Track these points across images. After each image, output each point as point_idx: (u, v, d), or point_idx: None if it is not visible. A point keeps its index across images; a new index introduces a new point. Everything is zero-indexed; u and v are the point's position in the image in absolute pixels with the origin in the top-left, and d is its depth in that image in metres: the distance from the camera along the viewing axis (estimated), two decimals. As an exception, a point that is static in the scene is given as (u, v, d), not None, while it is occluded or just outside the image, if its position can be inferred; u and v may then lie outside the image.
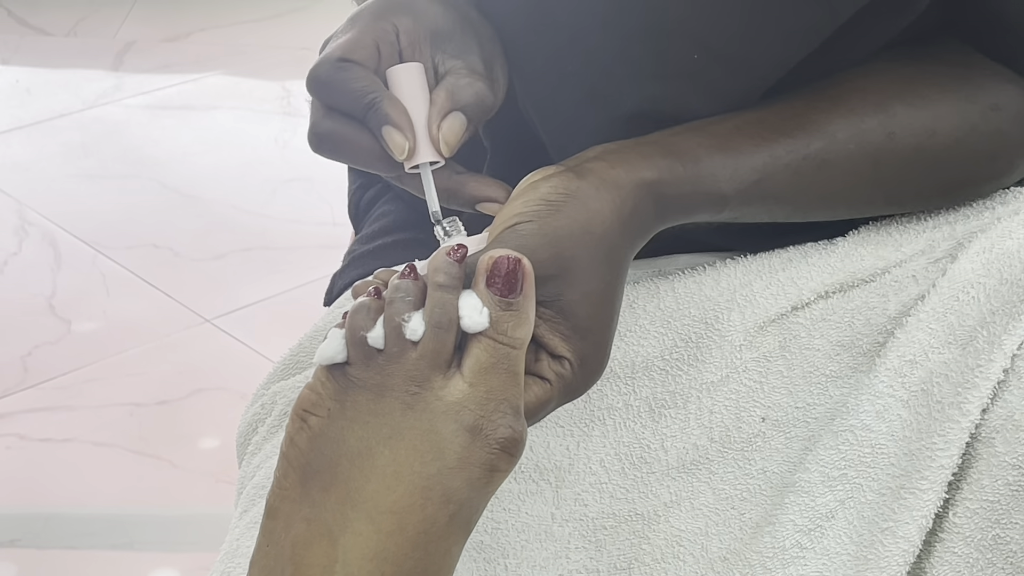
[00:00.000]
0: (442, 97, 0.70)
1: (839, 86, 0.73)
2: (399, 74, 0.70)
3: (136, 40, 2.82)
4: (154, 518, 1.62)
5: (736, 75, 0.71)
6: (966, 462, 0.69)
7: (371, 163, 0.71)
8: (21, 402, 1.79)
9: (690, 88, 0.71)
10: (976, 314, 0.71)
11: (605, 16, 0.71)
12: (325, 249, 1.95)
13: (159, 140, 2.45)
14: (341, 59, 0.69)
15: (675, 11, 0.70)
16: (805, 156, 0.70)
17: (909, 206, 0.76)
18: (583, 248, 0.64)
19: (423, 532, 0.61)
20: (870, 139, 0.72)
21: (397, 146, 0.69)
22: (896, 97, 0.72)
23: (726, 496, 0.73)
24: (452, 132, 0.70)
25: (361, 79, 0.69)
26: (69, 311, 1.98)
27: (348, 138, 0.70)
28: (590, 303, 0.65)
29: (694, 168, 0.68)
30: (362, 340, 0.63)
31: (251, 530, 0.74)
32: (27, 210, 2.22)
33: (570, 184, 0.66)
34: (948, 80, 0.74)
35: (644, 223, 0.67)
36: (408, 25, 0.71)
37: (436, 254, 0.64)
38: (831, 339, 0.73)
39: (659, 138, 0.70)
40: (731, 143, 0.70)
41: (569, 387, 0.65)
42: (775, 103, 0.72)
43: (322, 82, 0.69)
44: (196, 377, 1.84)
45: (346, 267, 0.91)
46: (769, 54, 0.71)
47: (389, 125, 0.69)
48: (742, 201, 0.70)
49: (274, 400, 0.81)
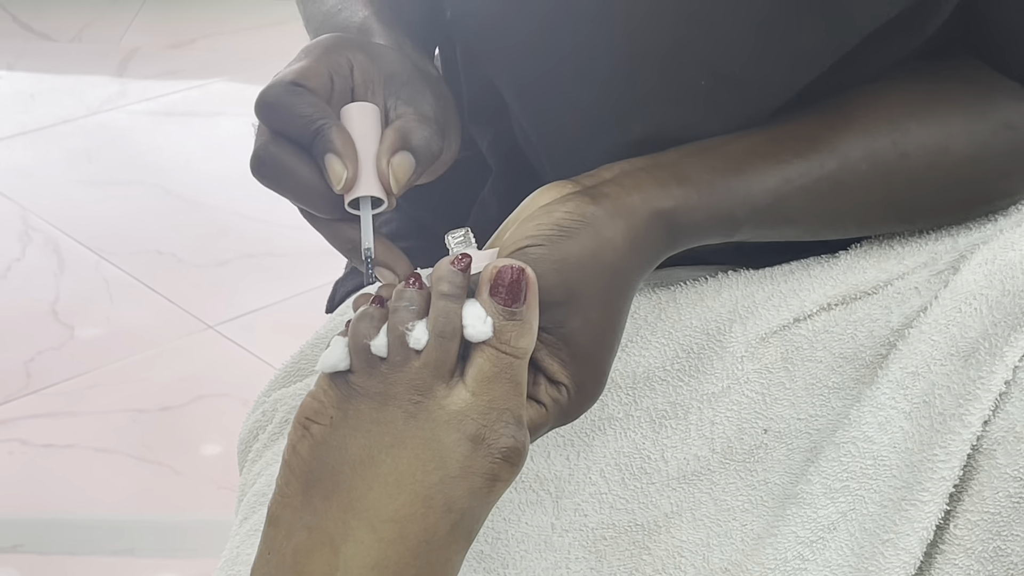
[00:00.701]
0: (391, 135, 0.68)
1: (851, 104, 0.72)
2: (353, 111, 0.69)
3: (141, 46, 2.82)
4: (156, 524, 1.62)
5: (745, 98, 0.71)
6: (967, 474, 0.69)
7: (310, 199, 0.68)
8: (24, 407, 1.79)
9: (699, 112, 0.71)
10: (978, 326, 0.71)
11: (612, 41, 0.70)
12: (328, 256, 1.94)
13: (163, 146, 2.45)
14: (293, 83, 0.67)
15: (683, 36, 0.69)
16: (819, 178, 0.70)
17: (920, 223, 0.75)
18: (591, 277, 0.64)
19: (424, 541, 0.61)
20: (883, 158, 0.71)
21: (335, 174, 0.66)
22: (909, 115, 0.72)
23: (728, 507, 0.73)
24: (402, 169, 0.68)
25: (312, 105, 0.67)
26: (72, 317, 1.98)
27: (290, 168, 0.67)
28: (592, 332, 0.65)
29: (708, 194, 0.68)
30: (365, 348, 0.63)
31: (252, 537, 0.74)
32: (31, 215, 2.22)
33: (585, 210, 0.65)
34: (961, 98, 0.73)
35: (655, 251, 0.67)
36: (363, 63, 0.70)
37: (440, 263, 0.64)
38: (833, 351, 0.73)
39: (674, 160, 0.69)
40: (745, 166, 0.69)
41: (564, 412, 0.65)
42: (788, 122, 0.71)
43: (270, 104, 0.67)
44: (199, 383, 1.84)
45: (348, 275, 0.91)
46: (778, 77, 0.70)
47: (332, 153, 0.66)
48: (755, 224, 0.69)
49: (275, 407, 0.81)
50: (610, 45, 0.70)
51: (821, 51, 0.70)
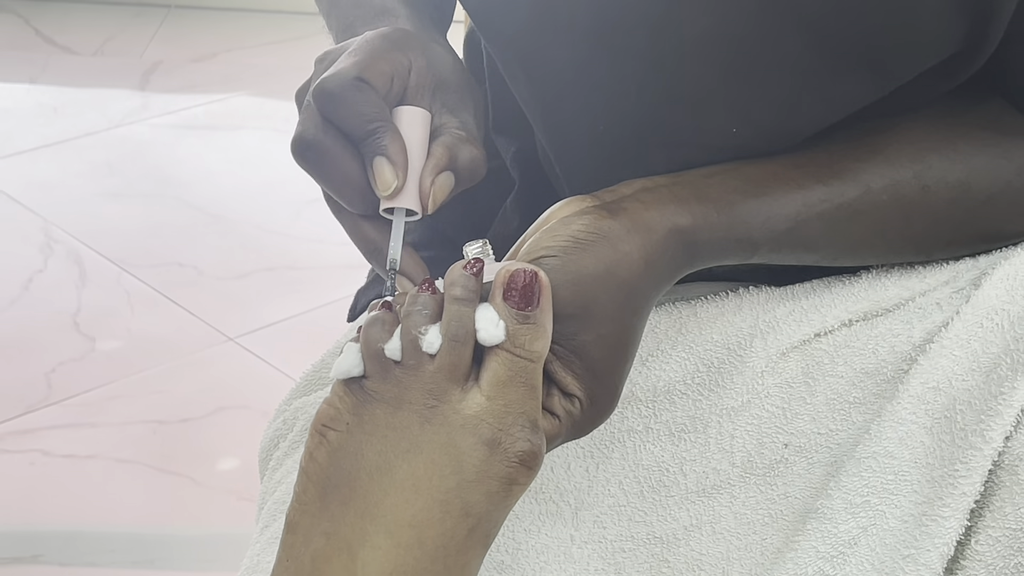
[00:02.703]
0: (440, 152, 0.69)
1: (876, 135, 0.72)
2: (405, 115, 0.69)
3: (163, 60, 2.84)
4: (175, 536, 1.63)
5: (773, 142, 0.71)
6: (989, 490, 0.69)
7: (345, 191, 0.68)
8: (45, 418, 1.80)
9: (726, 155, 0.70)
10: (1000, 341, 0.71)
11: (642, 81, 0.70)
12: (348, 269, 1.95)
13: (184, 159, 2.47)
14: (358, 78, 0.68)
15: (719, 85, 0.69)
16: (839, 205, 0.70)
17: (937, 255, 0.75)
18: (605, 291, 0.64)
19: (442, 546, 0.61)
20: (904, 191, 0.71)
21: (384, 181, 0.67)
22: (932, 150, 0.72)
23: (748, 521, 0.73)
24: (443, 190, 0.68)
25: (373, 103, 0.68)
26: (93, 328, 1.99)
27: (334, 156, 0.68)
28: (605, 345, 0.64)
29: (728, 215, 0.67)
30: (379, 353, 0.63)
31: (271, 545, 0.75)
32: (53, 228, 2.23)
33: (602, 224, 0.65)
34: (985, 135, 0.73)
35: (671, 268, 0.67)
36: (421, 65, 0.70)
37: (453, 268, 0.64)
38: (854, 366, 0.73)
39: (694, 179, 0.69)
40: (766, 189, 0.69)
41: (577, 425, 0.65)
42: (811, 149, 0.71)
43: (332, 95, 0.67)
44: (219, 395, 1.84)
45: (370, 283, 0.91)
46: (809, 122, 0.70)
47: (384, 157, 0.67)
48: (772, 247, 0.69)
49: (296, 416, 0.81)
50: (644, 85, 0.70)
51: (855, 100, 0.69)
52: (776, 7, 0.67)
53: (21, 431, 1.78)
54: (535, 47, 0.73)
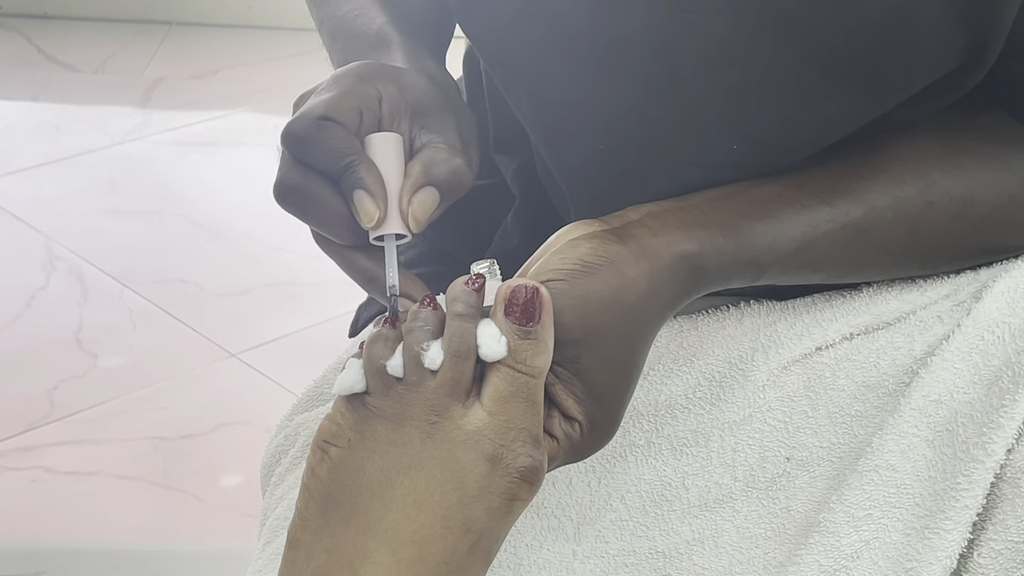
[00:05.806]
0: (416, 170, 0.69)
1: (879, 153, 0.72)
2: (376, 142, 0.69)
3: (164, 77, 2.84)
4: (177, 552, 1.63)
5: (774, 161, 0.71)
6: (991, 502, 0.69)
7: (333, 227, 0.69)
8: (47, 435, 1.80)
9: (728, 173, 0.70)
10: (1001, 354, 0.71)
11: (644, 102, 0.70)
12: (349, 285, 1.94)
13: (186, 176, 2.47)
14: (322, 116, 0.68)
15: (716, 102, 0.69)
16: (844, 225, 0.70)
17: (942, 269, 0.75)
18: (611, 316, 0.64)
19: (443, 562, 0.61)
20: (908, 208, 0.71)
21: (367, 213, 0.67)
22: (935, 166, 0.72)
23: (750, 535, 0.72)
24: (423, 208, 0.68)
25: (341, 139, 0.68)
26: (95, 345, 1.99)
27: (316, 197, 0.68)
28: (608, 370, 0.64)
29: (735, 239, 0.67)
30: (381, 369, 0.63)
31: (273, 561, 0.75)
32: (55, 245, 2.24)
33: (609, 249, 0.65)
34: (987, 148, 0.73)
35: (678, 295, 0.67)
36: (392, 93, 0.70)
37: (454, 284, 0.64)
38: (856, 379, 0.73)
39: (700, 204, 0.69)
40: (771, 211, 0.69)
41: (576, 448, 0.65)
42: (814, 168, 0.71)
43: (300, 137, 0.68)
44: (221, 411, 1.84)
45: (371, 299, 0.91)
46: (809, 140, 0.70)
47: (362, 190, 0.67)
48: (779, 269, 0.69)
49: (297, 431, 0.81)
50: (644, 104, 0.70)
51: (856, 116, 0.70)
52: (775, 25, 0.67)
53: (23, 448, 1.78)
54: (536, 68, 0.73)
